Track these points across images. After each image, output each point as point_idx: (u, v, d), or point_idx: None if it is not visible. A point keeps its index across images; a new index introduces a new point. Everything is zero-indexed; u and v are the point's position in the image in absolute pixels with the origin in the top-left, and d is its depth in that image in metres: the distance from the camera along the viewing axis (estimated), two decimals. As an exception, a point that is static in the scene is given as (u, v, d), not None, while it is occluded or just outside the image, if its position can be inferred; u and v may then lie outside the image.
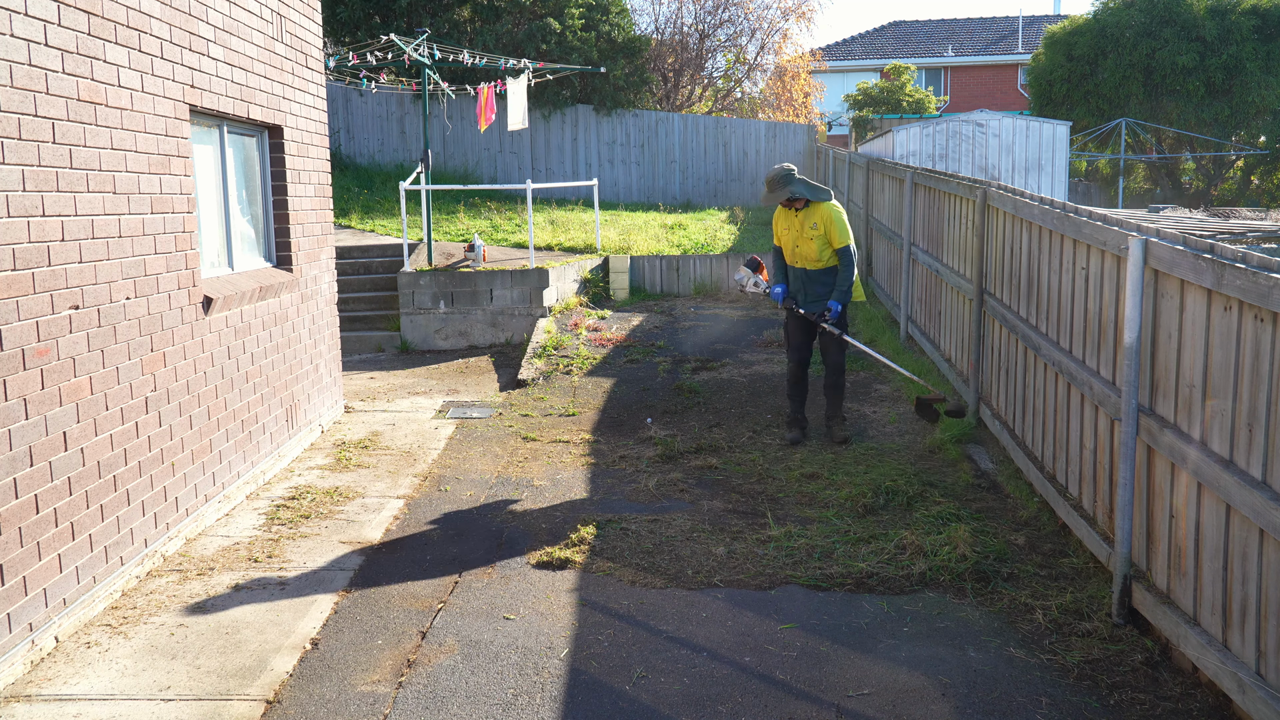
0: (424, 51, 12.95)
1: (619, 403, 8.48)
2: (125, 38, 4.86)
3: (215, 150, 6.23)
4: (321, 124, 7.91)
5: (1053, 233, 5.43)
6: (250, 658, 4.14)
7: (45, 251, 4.21)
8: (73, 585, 4.35)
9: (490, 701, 3.81)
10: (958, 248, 7.98)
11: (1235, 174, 28.45)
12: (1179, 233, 4.04)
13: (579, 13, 20.02)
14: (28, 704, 3.77)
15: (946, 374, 8.26)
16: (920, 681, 3.94)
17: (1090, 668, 4.01)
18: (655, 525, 5.64)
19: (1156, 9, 25.65)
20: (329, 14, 18.58)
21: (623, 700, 3.81)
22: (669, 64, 26.15)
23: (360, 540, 5.47)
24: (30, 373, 4.10)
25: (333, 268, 8.18)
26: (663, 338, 10.96)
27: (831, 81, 35.30)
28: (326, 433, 7.74)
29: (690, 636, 4.33)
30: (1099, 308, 4.73)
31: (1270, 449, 3.26)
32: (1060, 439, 5.32)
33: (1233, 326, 3.48)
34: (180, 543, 5.35)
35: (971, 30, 41.17)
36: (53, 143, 4.25)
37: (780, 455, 6.93)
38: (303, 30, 7.50)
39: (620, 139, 20.91)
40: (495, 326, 11.45)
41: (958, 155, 18.29)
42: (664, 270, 13.96)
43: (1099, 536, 4.67)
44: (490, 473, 6.71)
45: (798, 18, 27.50)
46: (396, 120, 19.76)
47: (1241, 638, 3.47)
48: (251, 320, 6.39)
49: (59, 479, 4.27)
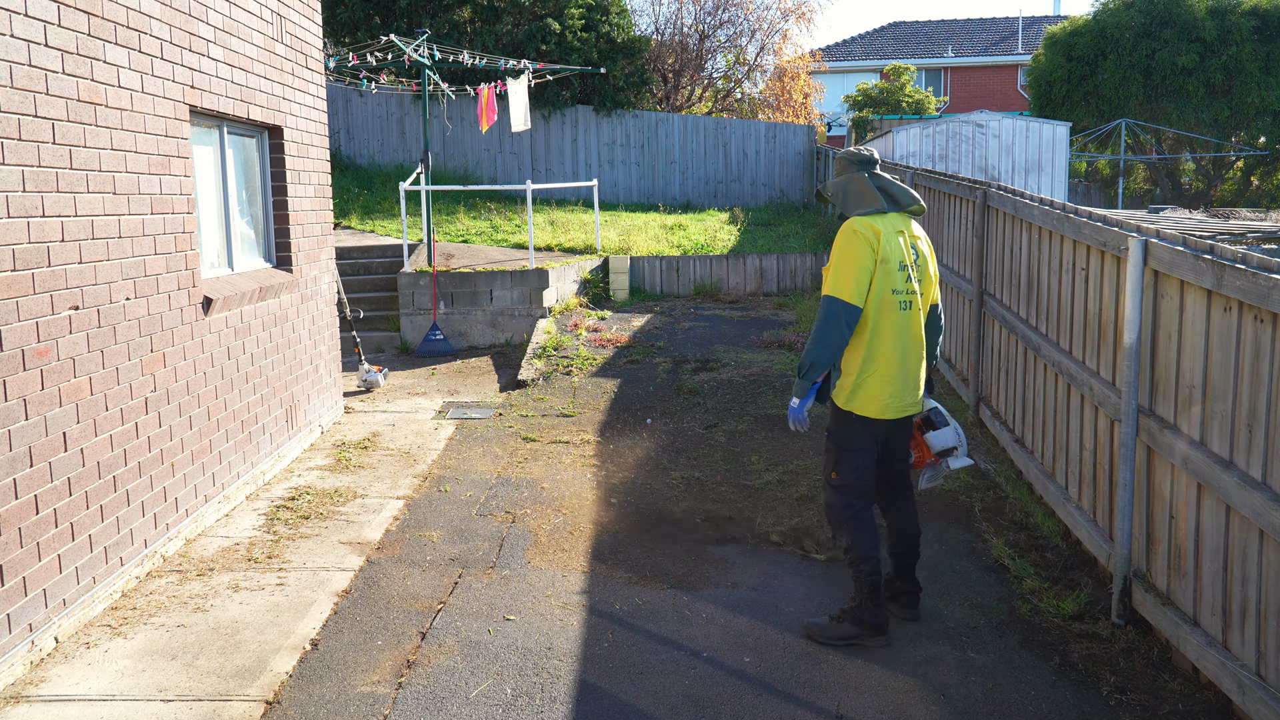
0: (424, 52, 12.95)
1: (619, 403, 8.48)
2: (125, 38, 4.86)
3: (215, 151, 6.23)
4: (321, 124, 7.91)
5: (1052, 233, 5.43)
6: (250, 658, 4.14)
7: (45, 252, 4.21)
8: (72, 586, 4.35)
9: (490, 702, 3.81)
10: (957, 248, 7.98)
11: (1235, 175, 28.46)
12: (1179, 233, 4.04)
13: (579, 13, 20.02)
14: (27, 705, 3.77)
15: (946, 374, 8.26)
16: (920, 682, 3.94)
17: (1090, 668, 4.01)
18: (657, 524, 5.64)
19: (1156, 10, 25.65)
20: (329, 14, 18.58)
21: (623, 701, 3.81)
22: (669, 64, 26.15)
23: (360, 541, 5.47)
24: (30, 373, 4.10)
25: (333, 268, 8.18)
26: (663, 338, 10.96)
27: (831, 82, 35.30)
28: (326, 433, 7.73)
29: (690, 638, 4.32)
30: (1099, 308, 4.73)
31: (1270, 450, 3.26)
32: (1060, 440, 5.32)
33: (1232, 327, 3.48)
34: (180, 543, 5.35)
35: (971, 31, 41.17)
36: (53, 143, 4.25)
37: (778, 457, 6.93)
38: (303, 31, 7.50)
39: (620, 139, 20.90)
40: (495, 327, 11.45)
41: (957, 156, 18.29)
42: (664, 271, 13.96)
43: (1099, 537, 4.66)
44: (490, 473, 6.71)
45: (798, 18, 27.49)
46: (396, 121, 19.76)
47: (1241, 638, 3.47)
48: (251, 321, 6.39)
49: (59, 479, 4.27)
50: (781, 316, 12.36)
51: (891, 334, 4.11)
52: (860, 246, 4.05)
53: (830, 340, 4.05)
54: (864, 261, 4.04)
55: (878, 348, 4.10)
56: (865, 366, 4.11)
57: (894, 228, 4.16)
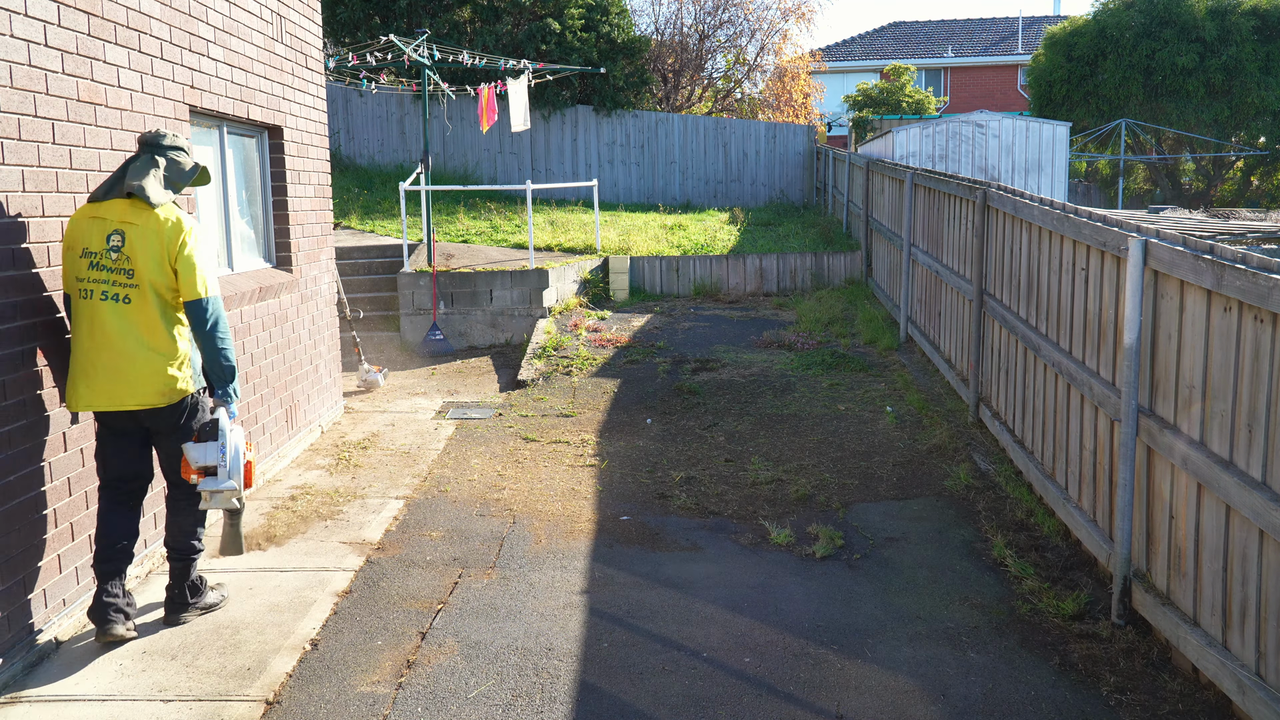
0: (424, 52, 12.95)
1: (619, 403, 8.48)
2: (125, 38, 4.86)
3: (215, 151, 6.23)
4: (321, 124, 7.90)
5: (1052, 233, 5.43)
6: (250, 658, 4.14)
7: (45, 252, 4.20)
8: (72, 586, 4.35)
9: (490, 702, 3.81)
10: (958, 248, 7.98)
11: (1235, 175, 28.46)
12: (1179, 234, 4.04)
13: (579, 13, 20.02)
14: (27, 705, 3.77)
15: (946, 374, 8.26)
16: (920, 682, 3.94)
17: (1090, 668, 4.01)
18: (657, 525, 5.64)
19: (1156, 10, 25.66)
20: (329, 14, 18.58)
21: (623, 701, 3.81)
22: (669, 65, 26.15)
23: (360, 541, 5.47)
24: (30, 373, 4.09)
25: (333, 268, 8.18)
26: (662, 338, 10.96)
27: (831, 82, 35.30)
28: (326, 433, 7.73)
29: (690, 638, 4.32)
30: (1099, 308, 4.73)
31: (1270, 450, 3.26)
32: (1060, 440, 5.32)
33: (1232, 327, 3.48)
34: (180, 543, 5.34)
35: (971, 31, 41.17)
36: (53, 143, 4.25)
37: (778, 457, 6.93)
38: (303, 31, 7.50)
39: (620, 139, 20.90)
40: (495, 327, 11.45)
41: (957, 156, 18.29)
42: (664, 271, 13.96)
43: (1099, 537, 4.66)
44: (490, 473, 6.71)
45: (798, 18, 27.48)
46: (396, 121, 19.76)
47: (1241, 639, 3.47)
48: (251, 321, 6.39)
49: (59, 479, 4.27)
50: (781, 316, 12.36)
51: (80, 323, 4.08)
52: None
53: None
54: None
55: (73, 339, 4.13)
56: None
57: (88, 214, 4.09)
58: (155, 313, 4.09)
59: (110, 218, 4.06)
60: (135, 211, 4.08)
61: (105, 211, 4.07)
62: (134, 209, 4.08)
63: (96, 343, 4.05)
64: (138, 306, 4.06)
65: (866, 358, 9.74)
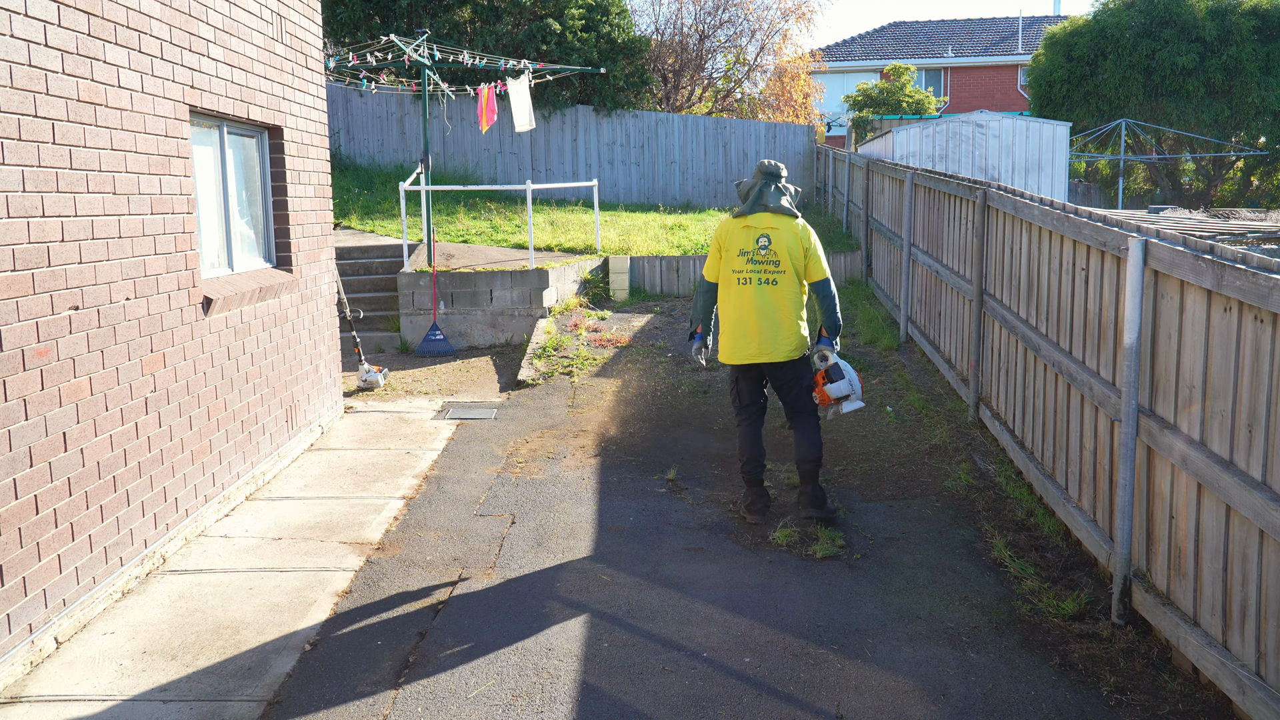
0: (424, 52, 12.95)
1: (619, 404, 8.48)
2: (125, 38, 4.86)
3: (215, 151, 6.23)
4: (321, 124, 7.91)
5: (1052, 234, 5.43)
6: (250, 658, 4.14)
7: (45, 252, 4.21)
8: (72, 586, 4.35)
9: (490, 702, 3.81)
10: (958, 248, 7.98)
11: (1235, 175, 28.47)
12: (1179, 234, 4.04)
13: (579, 13, 20.02)
14: (27, 704, 3.77)
15: (946, 374, 8.26)
16: (920, 682, 3.94)
17: (1090, 668, 4.01)
18: (656, 525, 5.64)
19: (1156, 10, 25.66)
20: (329, 14, 18.58)
21: (622, 702, 3.81)
22: (669, 65, 26.15)
23: (360, 540, 5.47)
24: (30, 373, 4.10)
25: (333, 268, 8.18)
26: (663, 338, 10.96)
27: (831, 82, 35.30)
28: (326, 433, 7.73)
29: (690, 638, 4.32)
30: (1099, 309, 4.73)
31: (1270, 450, 3.26)
32: (1060, 440, 5.32)
33: (1233, 327, 3.48)
34: (180, 543, 5.35)
35: (971, 31, 41.18)
36: (52, 143, 4.25)
37: (779, 456, 6.93)
38: (303, 31, 7.50)
39: (620, 140, 20.91)
40: (495, 327, 11.45)
41: (957, 156, 18.29)
42: (664, 271, 13.96)
43: (1099, 537, 4.67)
44: (490, 473, 6.71)
45: (798, 18, 27.49)
46: (396, 121, 19.76)
47: (1241, 639, 3.47)
48: (251, 321, 6.39)
49: (59, 480, 4.27)
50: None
51: (730, 302, 5.61)
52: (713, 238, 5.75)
53: (694, 302, 5.90)
54: (711, 248, 5.74)
55: (722, 313, 5.69)
56: (717, 326, 5.81)
57: (741, 224, 5.61)
58: (793, 290, 5.58)
59: (758, 226, 5.57)
60: (777, 220, 5.57)
61: (753, 222, 5.59)
62: (775, 219, 5.57)
63: (743, 314, 5.54)
64: (782, 287, 5.55)
65: (867, 358, 9.74)
